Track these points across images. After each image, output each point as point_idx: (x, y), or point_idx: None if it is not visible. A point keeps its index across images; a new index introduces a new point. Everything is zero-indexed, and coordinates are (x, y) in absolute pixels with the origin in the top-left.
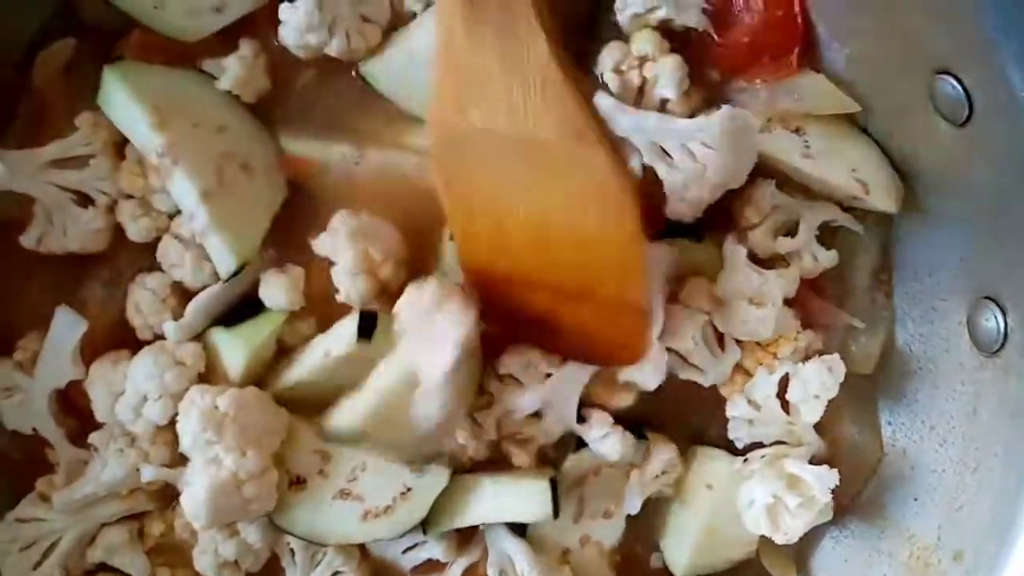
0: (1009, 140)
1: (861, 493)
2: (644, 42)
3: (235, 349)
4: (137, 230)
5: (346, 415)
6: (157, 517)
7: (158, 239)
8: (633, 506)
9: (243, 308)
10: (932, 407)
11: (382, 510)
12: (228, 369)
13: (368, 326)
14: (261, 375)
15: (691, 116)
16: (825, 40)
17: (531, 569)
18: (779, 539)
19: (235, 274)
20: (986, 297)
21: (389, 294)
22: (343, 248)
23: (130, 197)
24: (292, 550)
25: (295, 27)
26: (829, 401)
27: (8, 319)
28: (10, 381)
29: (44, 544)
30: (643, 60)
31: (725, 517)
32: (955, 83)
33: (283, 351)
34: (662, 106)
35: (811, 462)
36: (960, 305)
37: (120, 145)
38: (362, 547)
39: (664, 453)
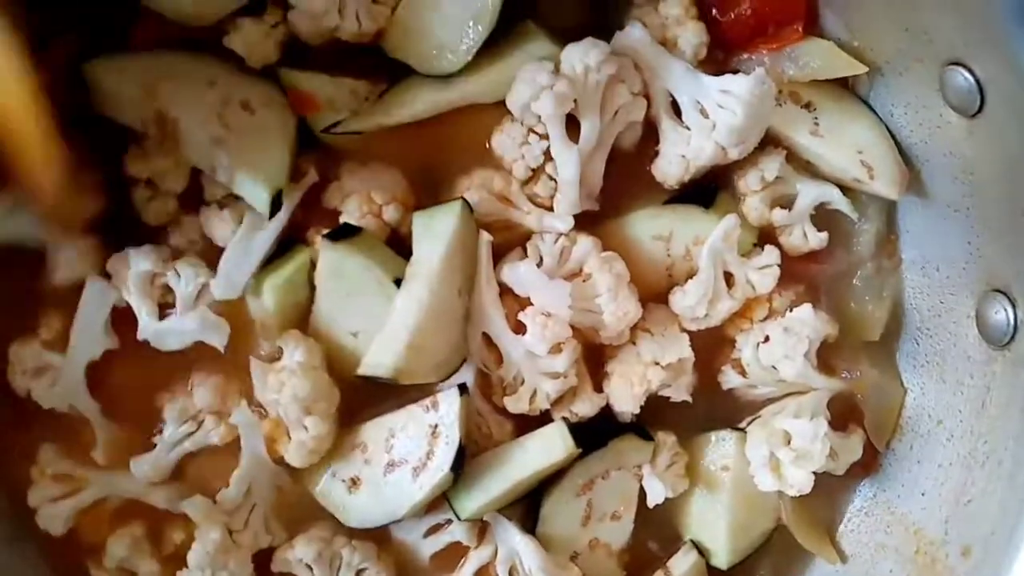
0: (1021, 132)
1: (893, 438)
2: (674, 5)
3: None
4: (148, 214)
5: (381, 356)
6: (178, 525)
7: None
8: (656, 494)
9: None
10: (939, 401)
11: (425, 457)
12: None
13: (346, 232)
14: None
15: None
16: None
17: (538, 568)
18: (791, 492)
19: (276, 204)
20: (996, 289)
21: (398, 237)
22: (349, 194)
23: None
24: (309, 566)
25: (305, 10)
26: (807, 354)
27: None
28: (39, 360)
29: (71, 486)
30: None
31: (749, 492)
32: (967, 74)
33: None
34: None
35: (838, 407)
36: (969, 298)
37: None
38: (382, 533)
39: (666, 443)
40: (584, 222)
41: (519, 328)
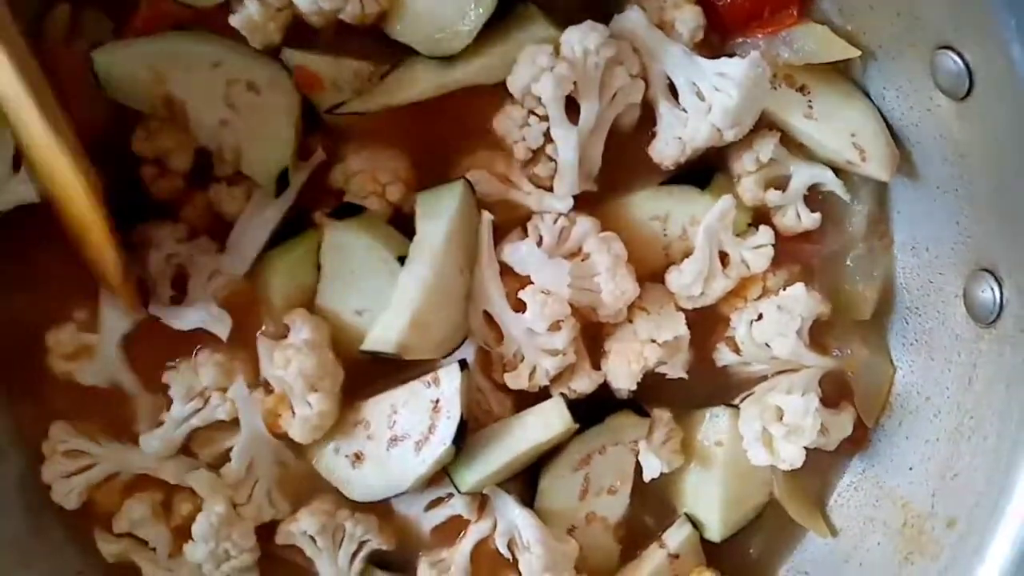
0: (1009, 115)
1: (882, 415)
2: None
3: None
4: (157, 190)
5: (385, 331)
6: (186, 497)
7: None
8: (652, 469)
9: None
10: (927, 378)
11: (427, 432)
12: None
13: (349, 211)
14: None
15: None
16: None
17: (537, 541)
18: (783, 466)
19: (282, 183)
20: (983, 269)
21: (401, 216)
22: (352, 174)
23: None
24: (312, 538)
25: None
26: (799, 332)
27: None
28: (77, 342)
29: (83, 462)
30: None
31: (742, 467)
32: (956, 58)
33: None
34: None
35: (830, 385)
36: (957, 277)
37: None
38: (384, 507)
39: (662, 419)
40: (583, 203)
41: (519, 306)
